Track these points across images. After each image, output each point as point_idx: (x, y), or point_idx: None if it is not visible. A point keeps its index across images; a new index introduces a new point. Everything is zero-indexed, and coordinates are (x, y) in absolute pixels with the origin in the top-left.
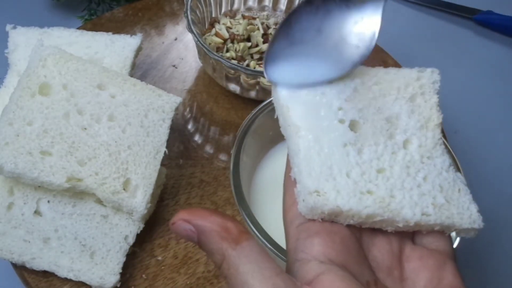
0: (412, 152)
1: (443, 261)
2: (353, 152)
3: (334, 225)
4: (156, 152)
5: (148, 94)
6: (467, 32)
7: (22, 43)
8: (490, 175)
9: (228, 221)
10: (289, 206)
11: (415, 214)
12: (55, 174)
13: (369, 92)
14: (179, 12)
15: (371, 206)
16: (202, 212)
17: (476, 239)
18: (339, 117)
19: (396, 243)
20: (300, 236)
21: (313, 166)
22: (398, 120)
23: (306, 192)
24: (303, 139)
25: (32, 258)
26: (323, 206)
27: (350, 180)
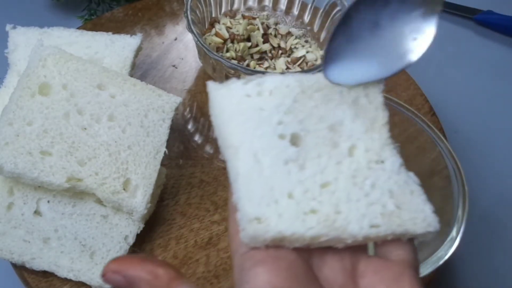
0: (359, 158)
1: (400, 272)
2: (295, 169)
3: (280, 250)
4: (156, 152)
5: (148, 94)
6: (467, 32)
7: (22, 43)
8: (490, 175)
9: (159, 268)
10: (233, 234)
11: (362, 228)
12: (55, 174)
13: (310, 101)
14: (179, 12)
15: (315, 227)
16: (132, 261)
17: (476, 239)
18: (279, 132)
19: (348, 259)
20: (244, 266)
21: (253, 190)
22: (342, 127)
23: (246, 220)
24: (242, 162)
25: (32, 258)
26: (264, 234)
27: (292, 201)
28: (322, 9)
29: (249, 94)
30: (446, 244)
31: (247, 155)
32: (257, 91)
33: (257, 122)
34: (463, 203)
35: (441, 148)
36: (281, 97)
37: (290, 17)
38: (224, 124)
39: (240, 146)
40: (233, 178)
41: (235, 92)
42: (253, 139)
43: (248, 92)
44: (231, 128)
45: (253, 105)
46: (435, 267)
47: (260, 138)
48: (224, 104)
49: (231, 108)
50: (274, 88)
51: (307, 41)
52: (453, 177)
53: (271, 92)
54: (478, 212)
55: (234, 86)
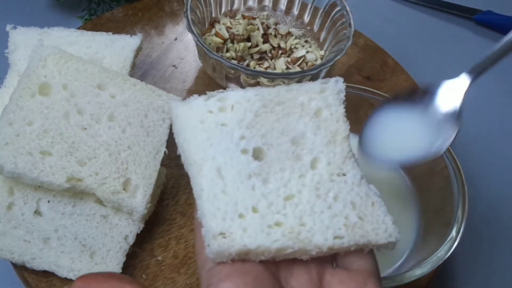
0: (321, 171)
1: (363, 282)
2: (258, 183)
3: (246, 264)
4: (156, 152)
5: (148, 94)
6: (467, 32)
7: (22, 43)
8: (490, 175)
9: (126, 284)
10: (200, 250)
11: (327, 239)
12: (55, 174)
13: (272, 114)
14: (179, 12)
15: (280, 240)
16: (98, 278)
17: (477, 239)
18: (242, 147)
19: (315, 271)
20: (211, 282)
21: (217, 206)
22: (304, 139)
23: (211, 235)
24: (206, 178)
25: (32, 258)
26: (229, 248)
27: (256, 215)
28: (322, 9)
29: (211, 110)
30: (446, 244)
31: (210, 171)
32: (218, 106)
33: (220, 138)
34: (462, 203)
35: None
36: (242, 112)
37: (290, 17)
38: (187, 141)
39: (203, 162)
40: (197, 195)
41: (197, 109)
42: (216, 155)
43: (210, 108)
44: (194, 145)
45: (215, 121)
46: (435, 266)
47: (223, 154)
48: (187, 121)
49: (193, 124)
50: (236, 103)
51: (307, 41)
52: (453, 177)
53: (232, 107)
54: (478, 212)
55: (196, 103)
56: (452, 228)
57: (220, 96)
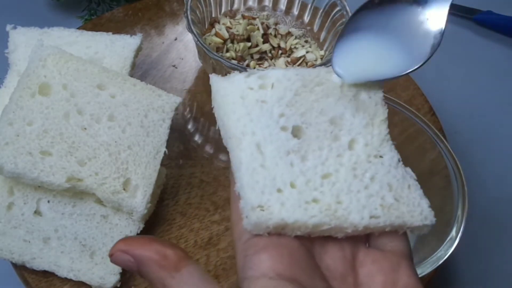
0: (358, 152)
1: (397, 262)
2: (296, 160)
3: (282, 238)
4: (156, 152)
5: (148, 94)
6: (467, 32)
7: (22, 43)
8: (490, 175)
9: (167, 248)
10: (236, 222)
11: (363, 218)
12: (55, 174)
13: (311, 94)
14: (179, 12)
15: (317, 216)
16: (140, 241)
17: (477, 238)
18: (281, 125)
19: (348, 249)
20: (248, 253)
21: (256, 179)
22: (342, 120)
23: (249, 207)
24: (245, 152)
25: (32, 258)
26: (267, 221)
27: (294, 191)
28: (322, 9)
29: (252, 87)
30: (446, 244)
31: (250, 146)
32: (259, 84)
33: (259, 114)
34: (462, 203)
35: (441, 148)
36: (282, 90)
37: (290, 17)
38: (227, 115)
39: (243, 136)
40: (236, 168)
41: (238, 85)
42: (255, 130)
43: (251, 85)
44: (234, 119)
45: (255, 98)
46: (434, 266)
47: (263, 130)
48: (227, 96)
49: (233, 100)
50: (276, 81)
51: (307, 41)
52: (452, 177)
53: (273, 85)
54: (477, 212)
55: (237, 79)
56: (452, 228)
57: (260, 74)
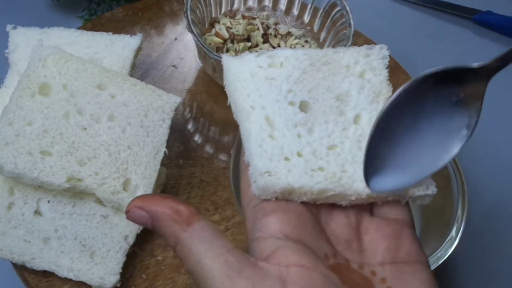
0: (363, 126)
1: (400, 229)
2: (304, 132)
3: (289, 203)
4: (156, 152)
5: (148, 94)
6: (467, 32)
7: (22, 43)
8: (490, 175)
9: (180, 204)
10: (245, 189)
11: (366, 186)
12: (55, 174)
13: (319, 73)
14: (179, 12)
15: (322, 182)
16: (155, 198)
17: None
18: (289, 100)
19: (353, 217)
20: (257, 216)
21: (264, 148)
22: (348, 97)
23: (258, 173)
24: (254, 124)
25: (32, 258)
26: (274, 185)
27: (301, 159)
28: (322, 9)
29: (261, 65)
30: (446, 244)
31: (259, 118)
32: (268, 63)
33: (269, 90)
34: (462, 203)
35: None
36: (291, 69)
37: (290, 17)
38: (237, 91)
39: (253, 110)
40: (245, 138)
41: (248, 63)
42: (264, 104)
43: (260, 64)
44: (244, 95)
45: (265, 75)
46: (434, 266)
47: (272, 104)
48: (238, 73)
49: (244, 77)
50: (285, 60)
51: (307, 41)
52: (452, 177)
53: (281, 64)
54: (477, 212)
55: (247, 58)
56: (452, 228)
57: (270, 54)
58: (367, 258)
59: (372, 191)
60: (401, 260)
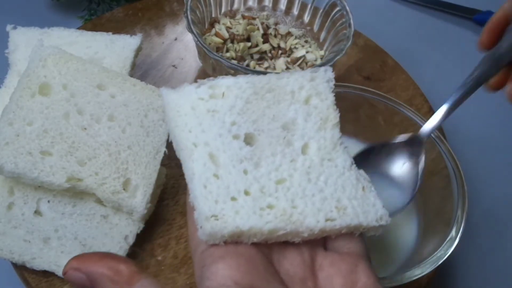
0: (312, 156)
1: (354, 264)
2: (250, 167)
3: (239, 246)
4: (156, 152)
5: (148, 94)
6: (467, 32)
7: (22, 43)
8: (490, 175)
9: (120, 263)
10: (192, 233)
11: (318, 221)
12: (55, 174)
13: (263, 101)
14: (179, 12)
15: (272, 221)
16: (93, 257)
17: (477, 239)
18: (233, 133)
19: (307, 253)
20: (205, 263)
21: (209, 189)
22: (295, 125)
23: (203, 217)
24: (197, 162)
25: (32, 258)
26: (222, 230)
27: (249, 198)
28: (322, 9)
29: (202, 97)
30: (446, 244)
31: (202, 156)
32: (209, 94)
33: (211, 124)
34: (462, 203)
35: (441, 148)
36: (233, 99)
37: (290, 17)
38: (178, 127)
39: (195, 148)
40: (189, 179)
41: (188, 96)
42: (207, 140)
43: (201, 95)
44: (185, 131)
45: (206, 108)
46: (434, 266)
47: (215, 139)
48: (178, 108)
49: (185, 111)
50: (227, 90)
51: (307, 41)
52: (452, 177)
53: (223, 94)
54: (477, 212)
55: (187, 90)
56: (452, 228)
57: (211, 84)
58: None
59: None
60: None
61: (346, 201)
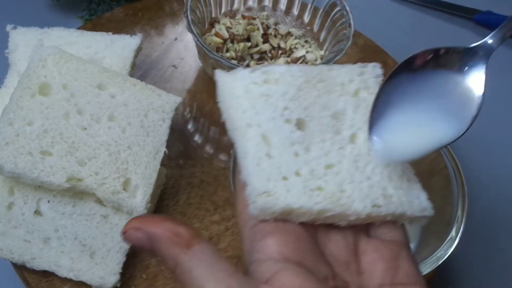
0: (360, 146)
1: (397, 251)
2: (301, 150)
3: (287, 223)
4: (156, 152)
5: (148, 94)
6: (467, 32)
7: (22, 43)
8: (490, 175)
9: (180, 226)
10: (242, 209)
11: (366, 206)
12: (55, 174)
13: (314, 90)
14: (179, 12)
15: (322, 202)
16: (153, 219)
17: (476, 239)
18: (285, 117)
19: (351, 237)
20: (255, 238)
21: (262, 167)
22: (344, 116)
23: (256, 193)
24: (251, 142)
25: (32, 258)
26: (273, 206)
27: (299, 179)
28: (322, 9)
29: (256, 82)
30: (446, 244)
31: (255, 136)
32: (263, 79)
33: (264, 107)
34: (462, 203)
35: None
36: (286, 85)
37: (290, 17)
38: (232, 108)
39: (249, 128)
40: (242, 157)
41: (242, 80)
42: (261, 122)
43: (255, 80)
44: (239, 112)
45: (260, 92)
46: (434, 266)
47: (268, 121)
48: (232, 90)
49: (238, 94)
50: (280, 77)
51: (307, 41)
52: (452, 177)
53: (276, 80)
54: (477, 212)
55: (241, 74)
56: (452, 228)
57: (264, 69)
58: (365, 280)
59: (378, 157)
60: (400, 282)
61: (392, 190)
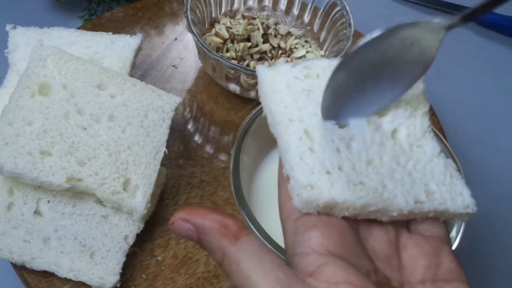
0: (401, 141)
1: (439, 247)
2: (342, 147)
3: (331, 217)
4: (156, 152)
5: (148, 94)
6: (467, 32)
7: (22, 43)
8: (490, 175)
9: (227, 218)
10: (284, 202)
11: (408, 202)
12: (55, 174)
13: None
14: (179, 12)
15: (365, 197)
16: (201, 211)
17: (476, 239)
18: None
19: (392, 232)
20: (298, 230)
21: (305, 161)
22: (386, 111)
23: (300, 186)
24: (293, 136)
25: (32, 258)
26: (318, 199)
27: (342, 173)
28: (322, 9)
29: (297, 76)
30: None
31: (298, 130)
32: (304, 74)
33: (306, 103)
34: None
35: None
36: (326, 81)
37: (290, 17)
38: (274, 103)
39: (291, 123)
40: (284, 151)
41: (284, 75)
42: (302, 117)
43: (296, 75)
44: (281, 107)
45: (302, 87)
46: None
47: (310, 117)
48: (273, 85)
49: (280, 89)
50: (321, 72)
51: (307, 41)
52: None
53: (318, 75)
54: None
55: (283, 69)
56: (452, 228)
57: (305, 64)
58: (407, 275)
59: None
60: (442, 278)
61: (435, 186)
